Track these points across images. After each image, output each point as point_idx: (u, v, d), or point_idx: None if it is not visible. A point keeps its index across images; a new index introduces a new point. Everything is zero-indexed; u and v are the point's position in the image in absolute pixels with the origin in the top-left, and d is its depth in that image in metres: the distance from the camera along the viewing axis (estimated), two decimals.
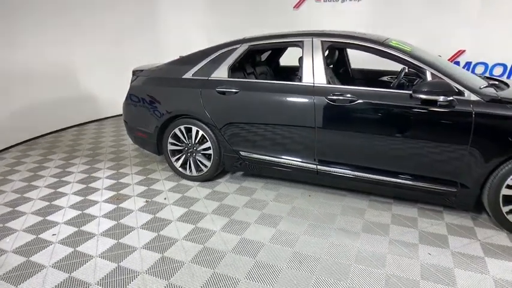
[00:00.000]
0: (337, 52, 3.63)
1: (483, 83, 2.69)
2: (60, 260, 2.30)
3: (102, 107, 5.90)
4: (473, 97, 2.44)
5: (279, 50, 4.26)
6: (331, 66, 3.88)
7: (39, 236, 2.58)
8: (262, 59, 4.11)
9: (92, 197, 3.17)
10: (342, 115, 2.75)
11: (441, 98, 2.43)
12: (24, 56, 4.65)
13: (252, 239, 2.53)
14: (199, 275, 2.15)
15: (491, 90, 2.51)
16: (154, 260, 2.30)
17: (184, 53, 3.57)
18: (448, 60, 6.00)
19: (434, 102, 2.48)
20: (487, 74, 5.69)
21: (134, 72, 3.73)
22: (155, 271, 2.19)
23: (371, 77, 4.00)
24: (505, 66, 5.50)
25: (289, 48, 4.18)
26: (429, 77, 2.57)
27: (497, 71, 5.60)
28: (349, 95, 2.70)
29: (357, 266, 2.22)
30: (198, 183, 3.44)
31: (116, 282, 2.09)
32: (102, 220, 2.79)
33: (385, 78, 3.95)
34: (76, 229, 2.66)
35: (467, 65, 5.92)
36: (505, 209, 2.48)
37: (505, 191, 2.43)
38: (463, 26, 5.76)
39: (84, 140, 4.85)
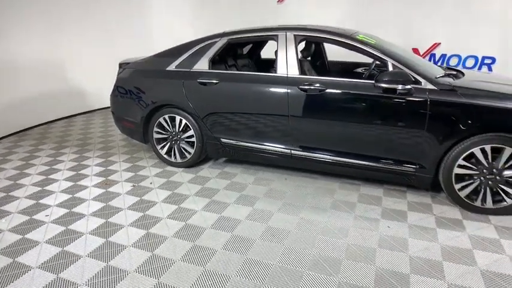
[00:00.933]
0: (313, 46, 3.87)
1: (441, 73, 2.96)
2: (53, 237, 2.52)
3: (90, 100, 6.05)
4: (429, 86, 2.70)
5: (260, 44, 4.47)
6: (309, 58, 4.13)
7: (33, 217, 2.79)
8: (244, 52, 4.32)
9: (82, 183, 3.37)
10: (313, 103, 3.00)
11: (400, 87, 2.70)
12: (12, 50, 4.78)
13: (230, 216, 2.77)
14: (180, 247, 2.38)
15: (445, 80, 2.78)
16: (139, 235, 2.52)
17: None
18: (425, 52, 6.31)
19: (394, 91, 2.74)
20: (461, 66, 6.00)
21: (121, 65, 3.92)
22: (140, 244, 2.42)
23: (346, 69, 4.24)
24: (476, 58, 5.80)
25: (272, 42, 4.41)
26: (390, 68, 2.83)
27: (470, 63, 5.90)
28: (318, 85, 2.95)
29: (322, 237, 2.48)
30: (182, 169, 3.66)
31: (105, 254, 2.31)
32: (91, 203, 3.00)
33: (359, 69, 4.20)
34: (67, 210, 2.87)
35: (443, 57, 6.22)
36: (457, 187, 2.76)
37: (456, 170, 2.71)
38: (439, 20, 6.03)
39: (74, 131, 5.03)
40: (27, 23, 4.94)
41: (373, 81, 2.78)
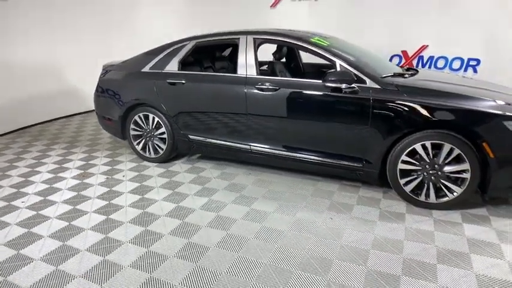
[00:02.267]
0: (285, 49, 4.05)
1: (390, 73, 3.08)
2: (24, 219, 2.80)
3: (87, 101, 6.40)
4: (374, 85, 2.85)
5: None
6: (282, 60, 4.33)
7: (11, 203, 3.08)
8: (225, 54, 4.55)
9: (62, 174, 3.67)
10: (267, 102, 3.18)
11: (344, 86, 2.85)
12: (13, 52, 5.18)
13: (186, 206, 2.98)
14: (132, 231, 2.61)
15: (390, 79, 2.90)
16: (99, 220, 2.77)
17: None
18: (413, 54, 6.38)
19: (340, 89, 2.89)
20: (447, 67, 6.04)
21: (104, 67, 4.21)
22: (98, 228, 2.66)
23: (320, 70, 4.39)
24: (462, 59, 5.82)
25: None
26: (338, 68, 2.98)
27: (456, 65, 5.92)
28: (273, 85, 3.13)
29: (252, 209, 2.65)
30: (156, 164, 3.91)
31: (64, 236, 2.57)
32: (65, 192, 3.28)
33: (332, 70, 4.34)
34: (42, 198, 3.16)
35: (431, 59, 6.26)
36: (402, 182, 2.87)
37: (401, 166, 2.83)
38: (427, 23, 6.10)
39: (68, 130, 5.38)
40: (29, 29, 5.34)
41: (321, 81, 2.95)
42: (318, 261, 2.24)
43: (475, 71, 5.71)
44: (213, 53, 3.97)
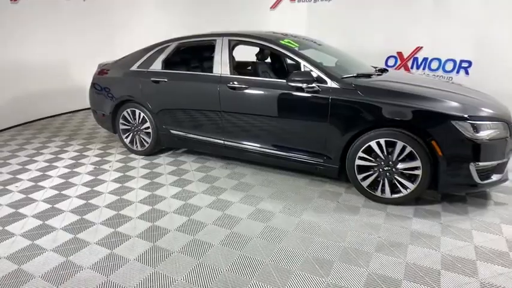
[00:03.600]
0: (267, 50, 4.25)
1: (353, 73, 3.23)
2: (17, 200, 3.12)
3: None
4: (334, 85, 3.01)
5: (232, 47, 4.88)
6: (267, 61, 4.53)
7: (6, 187, 3.42)
8: (213, 54, 4.78)
9: (55, 164, 4.00)
10: (238, 100, 3.40)
11: (304, 85, 3.03)
12: (23, 52, 5.61)
13: (159, 194, 3.23)
14: (106, 214, 2.88)
15: (349, 80, 3.05)
16: (79, 204, 3.06)
17: None
18: (408, 55, 6.44)
19: (303, 89, 3.07)
20: (440, 69, 6.07)
21: (99, 66, 4.53)
22: (78, 211, 2.95)
23: None
24: (454, 61, 5.85)
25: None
26: (303, 68, 3.16)
27: (449, 66, 5.95)
28: (242, 83, 3.34)
29: (220, 199, 2.87)
30: (142, 156, 4.19)
31: (46, 215, 2.87)
32: (55, 179, 3.59)
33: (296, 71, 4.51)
34: (34, 183, 3.48)
35: (425, 60, 6.31)
36: (359, 177, 3.03)
37: (358, 162, 2.99)
38: (422, 25, 6.15)
39: (70, 124, 5.76)
40: (37, 30, 5.75)
41: (285, 81, 3.13)
42: (262, 245, 2.44)
43: (466, 73, 5.73)
44: (197, 54, 4.21)
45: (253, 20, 7.56)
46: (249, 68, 4.58)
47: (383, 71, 3.74)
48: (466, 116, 2.64)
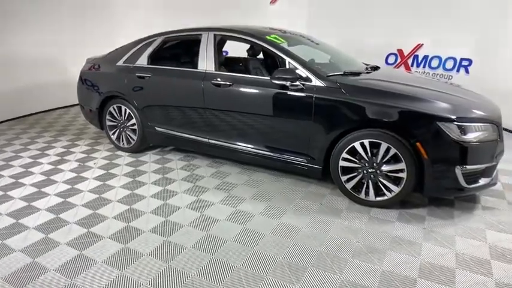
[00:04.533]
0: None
1: (340, 71, 3.11)
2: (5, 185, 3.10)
3: None
4: (318, 83, 2.90)
5: (222, 42, 4.78)
6: (259, 57, 4.44)
7: None
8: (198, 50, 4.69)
9: (40, 160, 3.96)
10: (222, 97, 3.31)
11: (288, 83, 2.93)
12: (18, 45, 5.58)
13: (139, 193, 3.17)
14: (82, 213, 2.83)
15: (335, 78, 2.94)
16: (56, 202, 3.01)
17: None
18: (409, 53, 6.30)
19: (286, 86, 2.97)
20: (441, 67, 5.91)
21: (87, 60, 4.47)
22: (55, 209, 2.89)
23: None
24: (455, 59, 5.68)
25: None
26: (287, 65, 3.06)
27: (449, 64, 5.79)
28: (227, 80, 3.25)
29: (200, 199, 2.80)
30: (128, 153, 4.13)
31: (21, 215, 2.82)
32: (37, 176, 3.55)
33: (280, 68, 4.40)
34: (14, 180, 3.44)
35: (425, 58, 6.17)
36: (343, 178, 2.93)
37: (342, 163, 2.89)
38: (422, 22, 6.01)
39: (63, 119, 5.73)
40: (29, 20, 5.71)
41: (269, 78, 3.04)
42: (236, 249, 2.36)
43: (466, 71, 5.57)
44: (183, 49, 4.12)
45: (253, 15, 7.43)
46: (240, 64, 4.48)
47: (375, 68, 3.62)
48: (452, 117, 2.52)
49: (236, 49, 4.64)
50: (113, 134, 4.17)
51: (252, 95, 3.18)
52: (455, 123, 2.52)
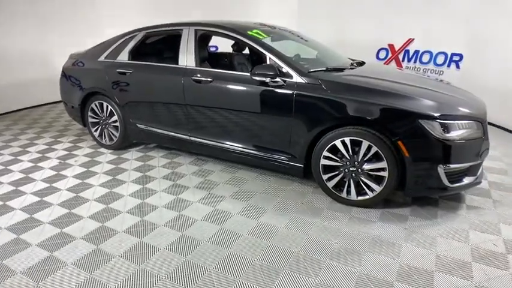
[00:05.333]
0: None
1: (323, 67, 3.03)
2: None
3: None
4: (299, 79, 2.82)
5: (206, 37, 4.70)
6: (244, 52, 4.35)
7: None
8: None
9: (21, 157, 3.88)
10: (203, 93, 3.23)
11: (268, 79, 2.85)
12: (6, 41, 5.47)
13: (118, 192, 3.09)
14: (57, 213, 2.75)
15: (316, 74, 2.85)
16: (32, 201, 2.93)
17: None
18: (400, 48, 6.22)
19: (267, 83, 2.89)
20: (432, 62, 5.84)
21: (70, 56, 4.37)
22: (30, 209, 2.82)
23: None
24: (446, 54, 5.61)
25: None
26: (268, 61, 2.98)
27: (440, 59, 5.71)
28: (208, 76, 3.17)
29: (181, 197, 2.73)
30: (111, 150, 4.05)
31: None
32: (16, 174, 3.47)
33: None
34: None
35: (416, 53, 6.09)
36: (325, 177, 2.86)
37: (323, 161, 2.82)
38: (413, 17, 5.93)
39: (48, 115, 5.63)
40: (19, 21, 5.59)
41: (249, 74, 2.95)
42: (210, 250, 2.30)
43: (457, 66, 5.50)
44: (164, 44, 4.02)
45: (244, 10, 7.32)
46: (226, 59, 4.40)
47: (360, 64, 3.54)
48: (435, 115, 2.45)
49: (228, 45, 4.55)
50: (95, 131, 4.09)
51: (233, 92, 3.10)
52: (438, 120, 2.44)
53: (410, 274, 2.08)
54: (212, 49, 6.22)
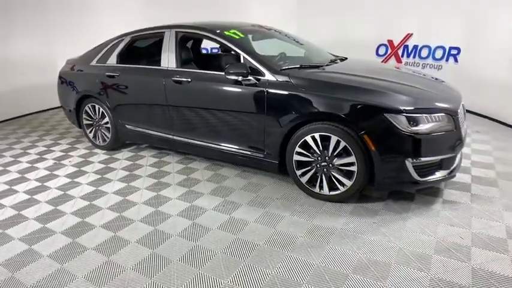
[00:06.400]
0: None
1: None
2: None
3: None
4: (271, 77, 2.88)
5: (188, 39, 4.73)
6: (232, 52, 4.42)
7: None
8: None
9: (20, 159, 4.10)
10: (183, 93, 3.33)
11: (240, 78, 2.92)
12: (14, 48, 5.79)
13: (103, 190, 3.23)
14: (43, 209, 2.92)
15: (287, 72, 2.89)
16: (21, 199, 3.11)
17: None
18: (399, 43, 6.15)
19: (240, 81, 2.96)
20: (430, 57, 5.74)
21: (67, 61, 4.58)
22: (18, 206, 3.00)
23: None
24: (444, 48, 5.50)
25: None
26: (242, 60, 3.04)
27: (438, 54, 5.62)
28: (185, 77, 3.27)
29: (162, 194, 2.83)
30: (105, 151, 4.21)
31: None
32: (12, 174, 3.67)
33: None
34: None
35: (415, 48, 5.99)
36: (298, 172, 2.90)
37: (296, 157, 2.86)
38: (411, 11, 5.87)
39: (53, 119, 5.90)
40: (28, 25, 5.90)
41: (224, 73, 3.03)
42: (179, 244, 2.38)
43: (456, 60, 5.38)
44: (149, 47, 4.15)
45: (243, 11, 7.40)
46: (215, 60, 4.49)
47: (342, 60, 3.56)
48: (400, 108, 2.45)
49: None
50: (90, 132, 4.27)
51: (210, 91, 3.18)
52: (404, 114, 2.44)
53: (368, 266, 2.09)
54: (214, 51, 6.34)
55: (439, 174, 2.63)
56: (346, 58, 3.65)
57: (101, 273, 2.13)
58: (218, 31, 3.25)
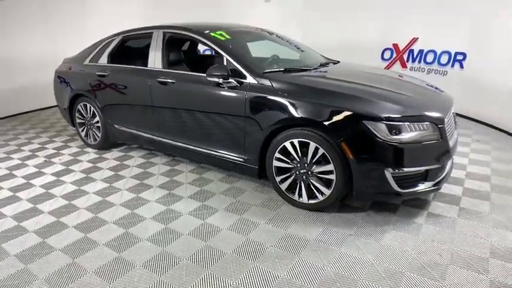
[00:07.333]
0: None
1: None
2: None
3: None
4: (252, 80, 2.80)
5: (178, 40, 4.68)
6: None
7: None
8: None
9: (12, 155, 4.15)
10: (167, 94, 3.29)
11: (220, 80, 2.85)
12: (16, 47, 5.90)
13: (85, 190, 3.22)
14: (22, 207, 2.92)
15: (269, 75, 2.81)
16: (5, 196, 3.13)
17: None
18: (404, 47, 5.98)
19: (221, 83, 2.89)
20: (436, 62, 5.56)
21: (64, 61, 4.62)
22: (3, 203, 3.04)
23: None
24: (449, 53, 5.30)
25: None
26: (225, 62, 2.98)
27: (444, 59, 5.42)
28: (169, 78, 3.23)
29: (139, 197, 2.80)
30: (96, 150, 4.22)
31: None
32: (1, 170, 3.72)
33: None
34: None
35: (420, 52, 5.81)
36: (278, 179, 2.81)
37: (275, 163, 2.77)
38: (417, 15, 5.70)
39: (53, 117, 5.98)
40: (31, 27, 6.02)
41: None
42: (146, 248, 2.33)
43: (461, 66, 5.17)
44: (139, 47, 4.12)
45: (247, 13, 7.34)
46: (208, 62, 4.44)
47: (335, 63, 3.46)
48: (380, 116, 2.33)
49: None
50: (82, 131, 4.29)
51: (193, 93, 3.13)
52: (384, 122, 2.32)
53: (334, 282, 1.99)
54: (207, 52, 6.30)
55: (422, 186, 2.49)
56: (338, 62, 3.54)
57: (62, 275, 2.10)
58: (204, 32, 3.19)
